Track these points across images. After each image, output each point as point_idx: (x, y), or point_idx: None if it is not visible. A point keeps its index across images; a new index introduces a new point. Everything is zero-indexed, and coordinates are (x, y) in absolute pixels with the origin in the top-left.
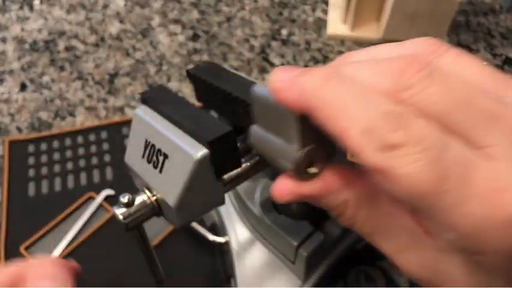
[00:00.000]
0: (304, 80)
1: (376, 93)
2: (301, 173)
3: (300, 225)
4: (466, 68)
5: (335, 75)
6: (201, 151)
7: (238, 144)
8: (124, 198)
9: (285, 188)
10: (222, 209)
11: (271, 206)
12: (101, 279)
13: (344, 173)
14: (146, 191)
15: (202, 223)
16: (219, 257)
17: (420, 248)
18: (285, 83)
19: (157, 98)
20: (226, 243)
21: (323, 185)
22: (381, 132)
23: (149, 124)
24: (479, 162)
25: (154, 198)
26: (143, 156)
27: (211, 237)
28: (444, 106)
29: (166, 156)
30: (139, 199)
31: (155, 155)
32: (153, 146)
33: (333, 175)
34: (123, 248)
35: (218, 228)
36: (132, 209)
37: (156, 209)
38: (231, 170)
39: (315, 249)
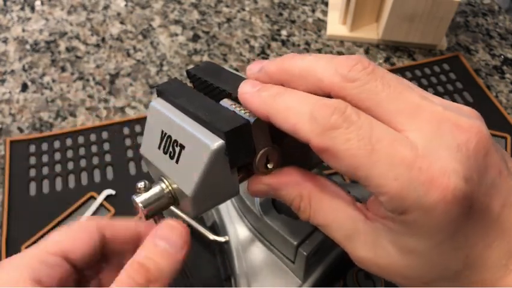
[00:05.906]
0: (264, 95)
1: (312, 96)
2: (260, 168)
3: (300, 224)
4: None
5: (283, 91)
6: (217, 141)
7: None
8: (141, 184)
9: (252, 181)
10: (222, 208)
11: (271, 205)
12: None
13: (299, 173)
14: (164, 180)
15: (202, 223)
16: (219, 257)
17: (362, 233)
18: (250, 94)
19: (172, 91)
20: (226, 243)
21: (280, 177)
22: (321, 118)
23: (166, 116)
24: (400, 140)
25: (171, 187)
26: (159, 147)
27: (212, 236)
28: (379, 97)
29: (182, 147)
30: (156, 188)
31: (171, 146)
32: (169, 137)
33: (289, 172)
34: None
35: (218, 228)
36: (151, 198)
37: (173, 197)
38: (246, 161)
39: (314, 249)
